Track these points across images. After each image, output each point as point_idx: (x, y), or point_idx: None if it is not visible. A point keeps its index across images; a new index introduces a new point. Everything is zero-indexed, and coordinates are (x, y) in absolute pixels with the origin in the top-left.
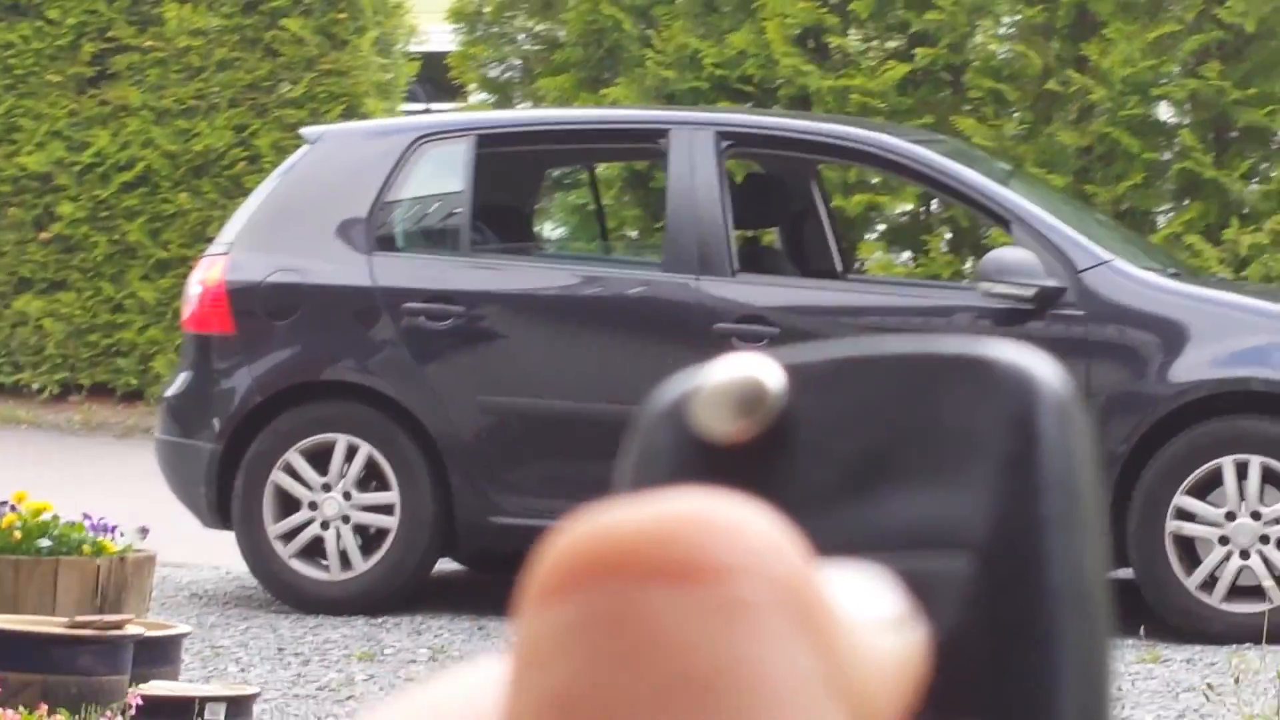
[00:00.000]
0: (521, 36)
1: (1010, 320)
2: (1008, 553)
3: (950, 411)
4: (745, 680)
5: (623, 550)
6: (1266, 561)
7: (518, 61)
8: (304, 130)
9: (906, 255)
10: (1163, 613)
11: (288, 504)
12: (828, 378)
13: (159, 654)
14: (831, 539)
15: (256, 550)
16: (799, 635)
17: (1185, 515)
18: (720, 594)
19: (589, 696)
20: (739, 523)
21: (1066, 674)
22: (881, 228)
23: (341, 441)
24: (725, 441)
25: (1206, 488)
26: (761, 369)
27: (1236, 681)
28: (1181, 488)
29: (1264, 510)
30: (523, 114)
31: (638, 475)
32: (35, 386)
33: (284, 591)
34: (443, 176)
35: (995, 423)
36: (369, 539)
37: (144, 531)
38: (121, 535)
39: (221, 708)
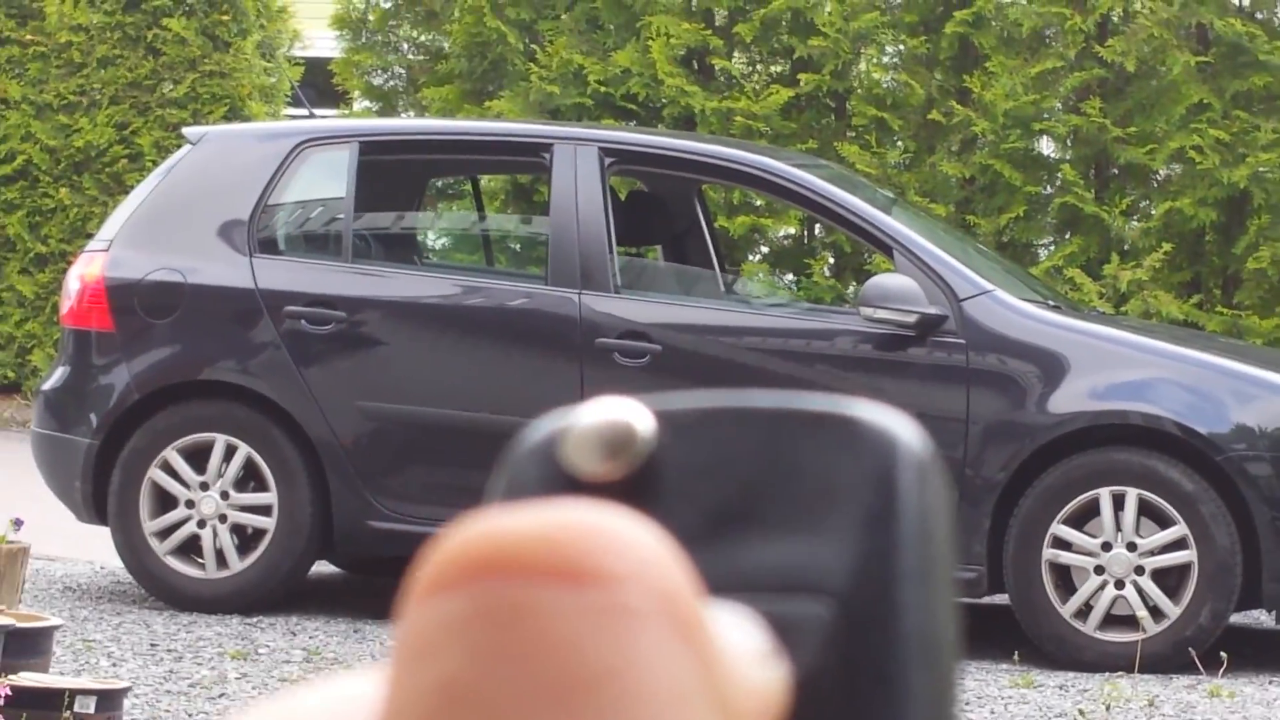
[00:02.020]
0: (405, 46)
1: (891, 346)
2: (865, 601)
3: (815, 465)
4: (628, 683)
5: (514, 550)
6: (1140, 592)
7: (402, 70)
8: (186, 130)
9: (789, 278)
10: (1037, 639)
11: (164, 501)
12: (696, 426)
13: (29, 645)
14: (696, 579)
15: (132, 546)
16: (680, 645)
17: (1062, 544)
18: (607, 598)
19: (474, 687)
20: (628, 532)
21: (915, 716)
22: (765, 250)
23: (220, 441)
24: (593, 480)
25: (1083, 518)
26: (632, 413)
27: (1108, 709)
28: (1059, 517)
29: (1139, 541)
30: (407, 123)
31: (505, 505)
32: None
33: (159, 588)
34: (326, 182)
35: (858, 478)
36: (246, 539)
37: (18, 524)
38: None
39: (92, 701)
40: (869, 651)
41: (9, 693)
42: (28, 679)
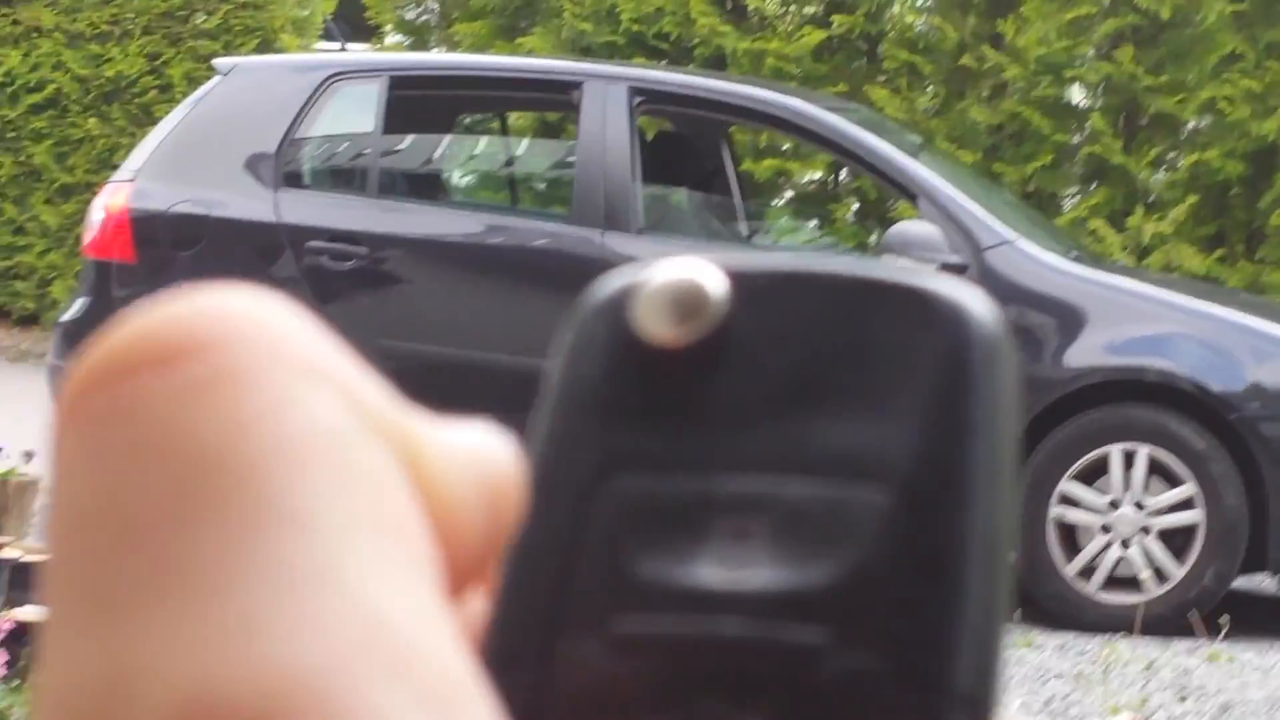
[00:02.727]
0: None
1: None
2: (928, 491)
3: (886, 339)
4: (250, 438)
5: (114, 351)
6: (1146, 553)
7: (434, 5)
8: (216, 61)
9: (813, 223)
10: (1039, 598)
11: None
12: (770, 290)
13: (34, 579)
14: (756, 455)
15: None
16: (304, 385)
17: (1069, 501)
18: (207, 367)
19: (100, 506)
20: (223, 301)
21: (967, 618)
22: (789, 194)
23: None
24: (662, 344)
25: (1093, 474)
26: (706, 275)
27: (1105, 671)
28: (1068, 473)
29: (1148, 501)
30: (436, 57)
31: (569, 367)
32: None
33: None
34: (354, 116)
35: (929, 355)
36: None
37: (29, 456)
38: (6, 458)
39: None
40: (927, 544)
41: (11, 626)
42: (30, 613)
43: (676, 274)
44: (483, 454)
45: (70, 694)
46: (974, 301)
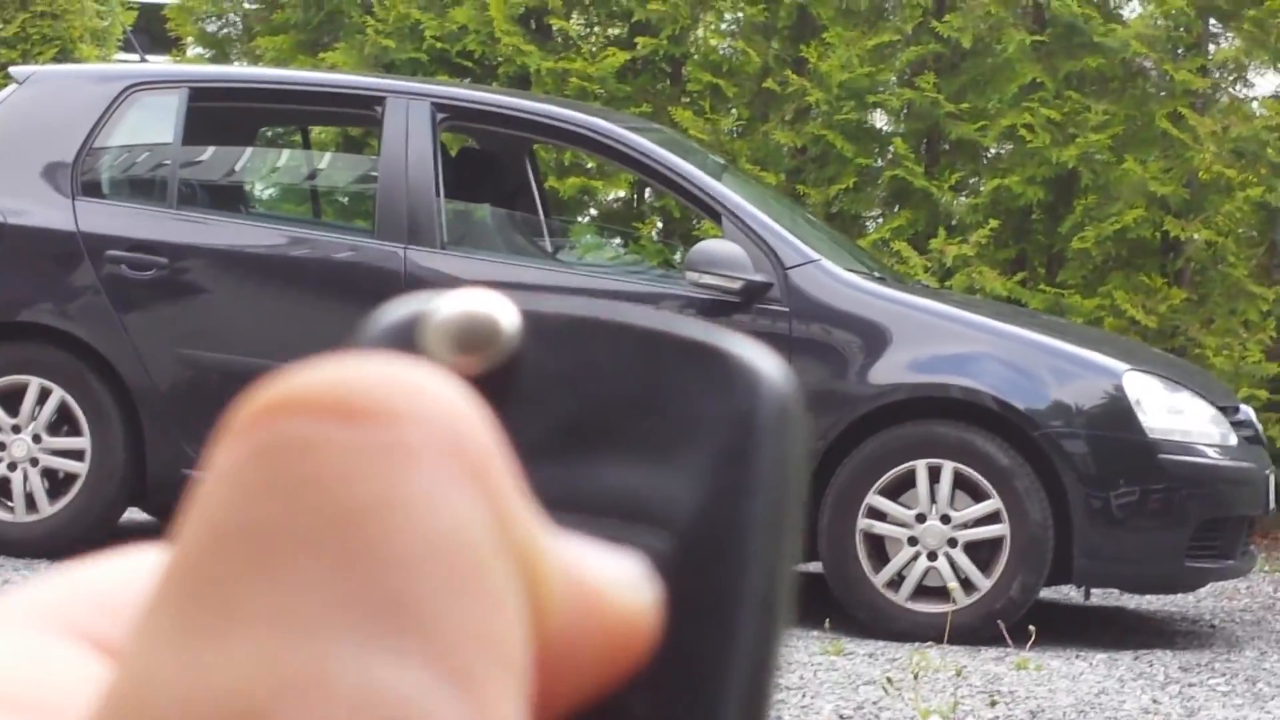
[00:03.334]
0: None
1: (716, 312)
2: (706, 541)
3: (678, 393)
4: (400, 516)
5: (300, 393)
6: (953, 564)
7: (236, 18)
8: (14, 69)
9: (617, 241)
10: (849, 607)
11: None
12: (563, 332)
13: None
14: (539, 491)
15: None
16: (463, 482)
17: (877, 514)
18: (385, 434)
19: (241, 524)
20: (421, 378)
21: (737, 669)
22: (594, 212)
23: (34, 384)
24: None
25: (899, 489)
26: (498, 307)
27: (916, 677)
28: (875, 487)
29: (953, 514)
30: (238, 70)
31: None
32: None
33: None
34: (153, 127)
35: (720, 413)
36: (57, 483)
37: None
38: None
39: None
40: (702, 592)
41: None
42: None
43: (468, 304)
44: (610, 589)
45: (144, 691)
46: (768, 365)
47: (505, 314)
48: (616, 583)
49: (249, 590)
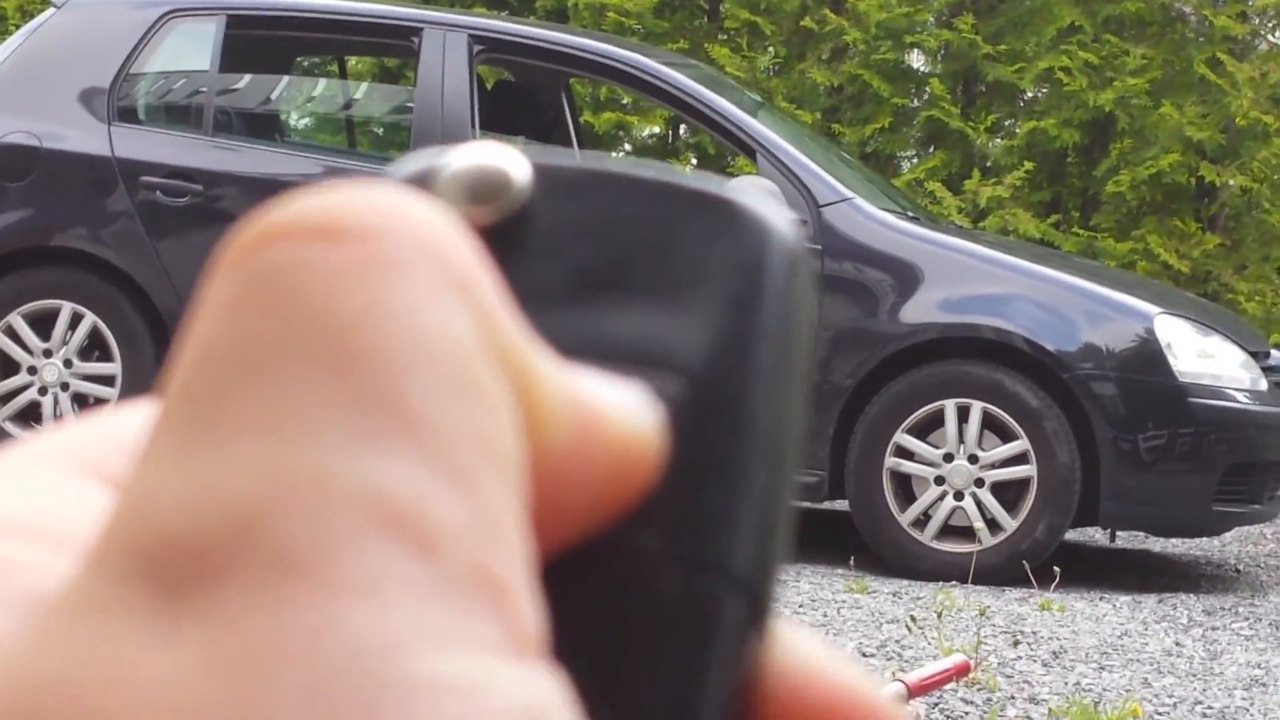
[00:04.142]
0: None
1: None
2: (716, 385)
3: (687, 242)
4: (385, 325)
5: (283, 221)
6: (979, 504)
7: None
8: None
9: None
10: (875, 546)
11: (6, 367)
12: (574, 184)
13: None
14: (552, 339)
15: None
16: (448, 291)
17: (904, 453)
18: (369, 251)
19: (231, 344)
20: (401, 199)
21: (747, 506)
22: (628, 147)
23: (66, 309)
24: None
25: (928, 428)
26: (509, 160)
27: (939, 616)
28: (903, 426)
29: (981, 454)
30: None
31: None
32: None
33: None
34: (190, 54)
35: (729, 261)
36: (88, 408)
37: None
38: None
39: None
40: (712, 436)
41: None
42: None
43: (480, 156)
44: (611, 415)
45: (148, 503)
46: (776, 216)
47: (516, 166)
48: (618, 406)
49: (243, 402)
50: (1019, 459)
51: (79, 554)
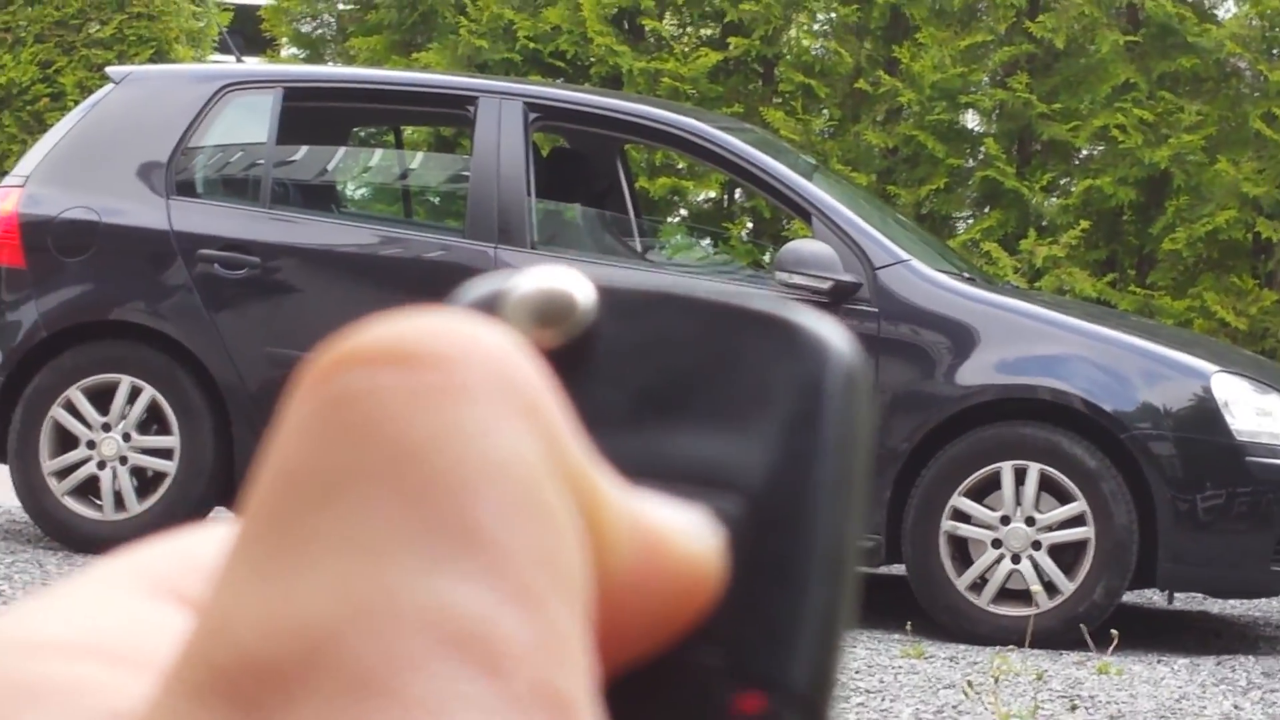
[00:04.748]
0: None
1: None
2: (777, 504)
3: (748, 363)
4: (456, 449)
5: (359, 347)
6: (1036, 567)
7: (331, 19)
8: (110, 69)
9: (707, 241)
10: (931, 610)
11: (66, 441)
12: (637, 306)
13: None
14: (615, 461)
15: (30, 485)
16: (517, 417)
17: (961, 516)
18: (441, 377)
19: (309, 467)
20: (471, 326)
21: (807, 623)
22: (684, 212)
23: (125, 382)
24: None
25: (984, 491)
26: (574, 283)
27: (996, 681)
28: (960, 489)
29: (1038, 516)
30: (331, 70)
31: None
32: None
33: (55, 528)
34: (248, 126)
35: (789, 382)
36: (146, 482)
37: None
38: None
39: None
40: (773, 554)
41: None
42: None
43: (545, 280)
44: (672, 538)
45: (225, 624)
46: (835, 334)
47: (581, 289)
48: (680, 530)
49: (318, 526)
50: (1076, 521)
51: (156, 675)
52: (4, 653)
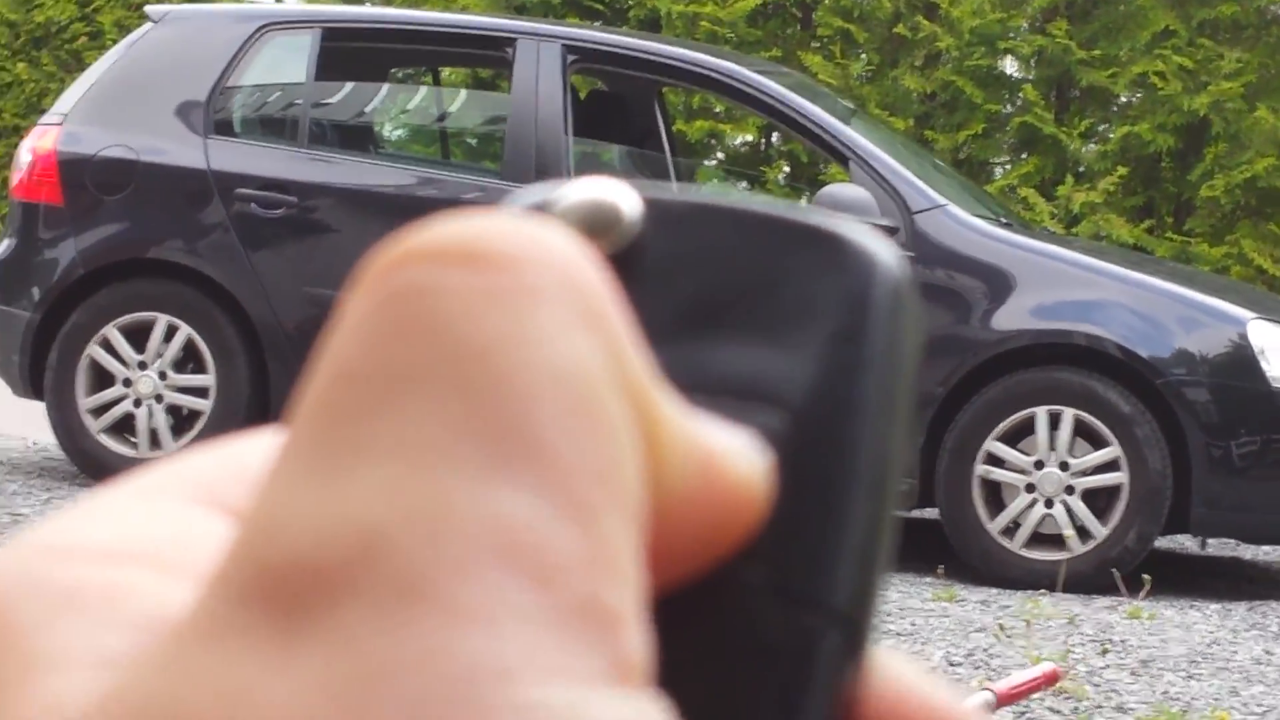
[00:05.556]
0: None
1: None
2: (820, 419)
3: (794, 276)
4: (519, 354)
5: (424, 244)
6: (1069, 511)
7: None
8: (149, 8)
9: (744, 184)
10: (963, 554)
11: (102, 379)
12: (682, 218)
13: None
14: (662, 374)
15: (66, 423)
16: (581, 324)
17: (995, 460)
18: (506, 279)
19: (366, 366)
20: (539, 229)
21: (848, 541)
22: (721, 155)
23: (161, 321)
24: None
25: (1018, 435)
26: (621, 195)
27: (1028, 625)
28: (994, 433)
29: (1072, 461)
30: (370, 11)
31: None
32: None
33: (91, 466)
34: (286, 67)
35: (833, 295)
36: (181, 420)
37: None
38: None
39: None
40: (815, 471)
41: None
42: None
43: (593, 191)
44: (726, 459)
45: (274, 524)
46: (883, 250)
47: (628, 200)
48: (730, 450)
49: (374, 426)
50: (1110, 466)
51: (198, 582)
52: (44, 557)
